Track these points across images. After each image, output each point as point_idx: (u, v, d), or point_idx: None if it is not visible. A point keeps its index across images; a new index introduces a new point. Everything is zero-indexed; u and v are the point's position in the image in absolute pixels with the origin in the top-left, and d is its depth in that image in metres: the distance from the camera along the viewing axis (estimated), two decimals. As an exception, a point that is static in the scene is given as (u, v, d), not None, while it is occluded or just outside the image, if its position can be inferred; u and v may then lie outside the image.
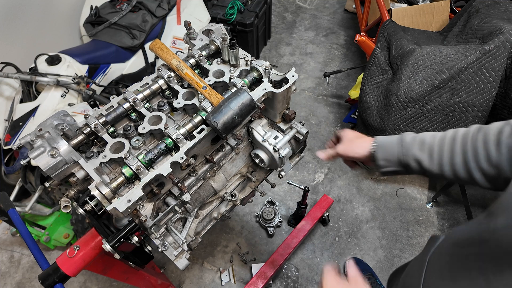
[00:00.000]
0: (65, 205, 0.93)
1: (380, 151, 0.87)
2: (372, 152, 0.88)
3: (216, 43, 1.09)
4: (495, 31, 1.68)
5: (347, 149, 0.94)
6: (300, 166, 2.50)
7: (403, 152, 0.84)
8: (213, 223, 1.20)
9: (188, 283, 2.01)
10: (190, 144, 0.89)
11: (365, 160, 0.92)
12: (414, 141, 0.84)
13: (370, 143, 0.90)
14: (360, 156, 0.91)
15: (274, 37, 3.51)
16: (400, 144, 0.85)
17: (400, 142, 0.85)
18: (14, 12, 2.11)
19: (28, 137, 0.85)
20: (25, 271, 2.09)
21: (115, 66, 2.27)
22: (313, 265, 2.06)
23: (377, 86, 2.06)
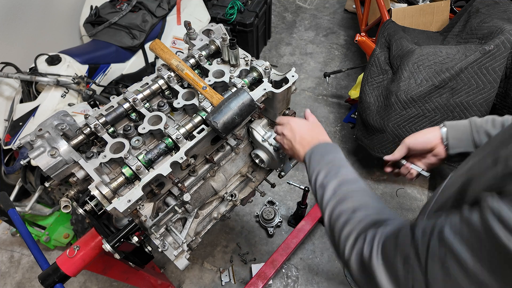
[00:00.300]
0: (65, 205, 0.93)
1: (451, 130, 0.87)
2: (443, 132, 0.88)
3: (216, 43, 1.09)
4: (495, 31, 1.68)
5: (416, 137, 0.91)
6: (300, 166, 2.50)
7: (476, 129, 0.83)
8: (213, 223, 1.20)
9: (188, 283, 2.01)
10: (190, 144, 0.89)
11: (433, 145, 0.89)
12: (486, 120, 0.83)
13: (438, 128, 0.89)
14: (430, 140, 0.89)
15: (274, 37, 3.51)
16: (470, 122, 0.85)
17: (470, 121, 0.85)
18: (14, 12, 2.11)
19: (28, 137, 0.85)
20: (25, 271, 2.09)
21: (115, 66, 2.27)
22: (313, 265, 2.06)
23: (377, 86, 2.06)
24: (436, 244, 0.45)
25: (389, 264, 0.51)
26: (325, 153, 0.82)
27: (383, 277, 0.52)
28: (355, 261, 0.59)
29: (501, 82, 1.71)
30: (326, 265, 2.06)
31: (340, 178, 0.73)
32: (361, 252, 0.57)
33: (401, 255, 0.50)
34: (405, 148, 0.93)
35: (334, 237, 0.66)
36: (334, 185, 0.72)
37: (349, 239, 0.61)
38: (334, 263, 2.06)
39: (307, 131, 0.90)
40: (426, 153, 0.93)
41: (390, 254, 0.52)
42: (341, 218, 0.65)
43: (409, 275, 0.48)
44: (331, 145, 0.85)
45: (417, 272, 0.46)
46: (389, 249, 0.53)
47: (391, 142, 1.95)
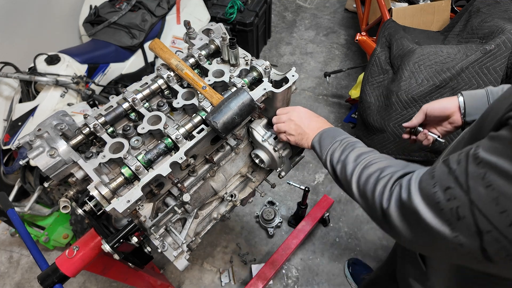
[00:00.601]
0: (64, 206, 0.93)
1: (468, 99, 0.90)
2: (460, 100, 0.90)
3: (216, 43, 1.08)
4: (496, 30, 1.68)
5: (434, 104, 0.95)
6: (300, 166, 2.49)
7: (493, 96, 0.86)
8: (213, 223, 1.19)
9: (187, 284, 2.01)
10: (190, 144, 0.88)
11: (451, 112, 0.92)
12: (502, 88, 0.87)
13: (455, 97, 0.92)
14: (448, 107, 0.92)
15: (274, 36, 3.51)
16: (487, 91, 0.88)
17: (486, 90, 0.89)
18: (14, 12, 2.10)
19: (27, 137, 0.85)
20: (24, 272, 2.09)
21: (114, 66, 2.27)
22: (313, 266, 2.05)
23: (378, 85, 2.05)
24: (473, 167, 0.48)
25: (429, 198, 0.53)
26: (335, 134, 0.85)
27: (425, 210, 0.53)
28: (395, 208, 0.59)
29: (502, 82, 1.71)
30: (327, 265, 2.05)
31: (357, 151, 0.76)
32: (399, 197, 0.59)
33: (441, 186, 0.52)
34: (422, 114, 0.97)
35: (367, 199, 0.67)
36: (354, 157, 0.75)
37: (384, 193, 0.62)
38: (334, 264, 2.05)
39: (314, 118, 0.95)
40: (442, 121, 0.96)
41: (428, 189, 0.54)
42: (370, 180, 0.67)
43: (451, 201, 0.50)
44: (336, 129, 0.90)
45: (460, 195, 0.48)
46: (427, 185, 0.54)
47: (391, 142, 1.95)
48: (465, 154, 0.51)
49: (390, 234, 0.63)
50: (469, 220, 0.47)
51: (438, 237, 0.52)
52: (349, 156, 0.75)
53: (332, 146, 0.82)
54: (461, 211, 0.48)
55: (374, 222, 0.68)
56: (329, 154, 0.82)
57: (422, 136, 0.99)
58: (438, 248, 0.55)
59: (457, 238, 0.49)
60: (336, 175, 0.79)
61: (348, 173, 0.73)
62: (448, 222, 0.50)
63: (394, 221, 0.59)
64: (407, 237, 0.58)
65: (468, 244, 0.48)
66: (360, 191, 0.69)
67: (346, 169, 0.74)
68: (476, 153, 0.48)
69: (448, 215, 0.50)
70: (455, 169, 0.51)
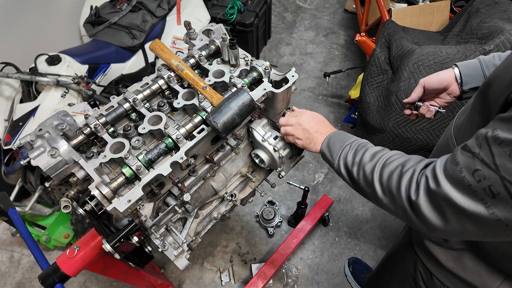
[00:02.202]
0: (65, 205, 0.93)
1: (463, 68, 0.93)
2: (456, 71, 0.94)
3: (216, 43, 1.09)
4: (495, 31, 1.68)
5: (431, 77, 0.98)
6: (300, 166, 2.50)
7: (486, 64, 0.91)
8: (213, 223, 1.20)
9: (188, 283, 2.01)
10: (190, 144, 0.89)
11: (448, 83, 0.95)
12: (492, 56, 0.91)
13: (450, 69, 0.96)
14: (445, 78, 0.95)
15: (274, 37, 3.51)
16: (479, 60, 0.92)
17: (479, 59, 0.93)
18: (14, 12, 2.11)
19: (28, 137, 0.85)
20: (25, 271, 2.09)
21: (115, 66, 2.27)
22: (313, 265, 2.06)
23: (377, 86, 2.06)
24: (497, 147, 0.51)
25: (459, 182, 0.55)
26: (343, 138, 0.86)
27: (458, 195, 0.55)
28: (425, 199, 0.60)
29: (501, 82, 1.71)
30: (326, 265, 2.06)
31: (371, 151, 0.76)
32: (427, 187, 0.60)
33: (468, 170, 0.54)
34: (421, 88, 1.00)
35: (393, 195, 0.67)
36: (369, 156, 0.75)
37: (411, 185, 0.63)
38: (334, 263, 2.06)
39: (321, 122, 0.95)
40: (440, 93, 0.99)
41: (456, 175, 0.56)
42: (394, 176, 0.67)
43: (481, 182, 0.52)
44: (343, 132, 0.90)
45: (489, 175, 0.51)
46: (453, 171, 0.56)
47: (391, 142, 1.95)
48: (483, 137, 0.53)
49: (420, 226, 0.64)
50: (504, 195, 0.50)
51: (473, 217, 0.54)
52: (364, 157, 0.76)
53: (343, 150, 0.82)
54: (494, 189, 0.51)
55: (401, 218, 0.68)
56: (341, 159, 0.81)
57: (424, 109, 1.01)
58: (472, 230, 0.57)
59: (493, 215, 0.52)
60: (352, 178, 0.78)
61: (367, 174, 0.73)
62: (483, 202, 0.52)
63: (424, 212, 0.60)
64: (439, 226, 0.60)
65: (507, 217, 0.51)
66: (384, 189, 0.69)
67: (365, 170, 0.74)
68: (495, 135, 0.51)
69: (482, 195, 0.52)
70: (478, 153, 0.53)
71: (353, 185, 0.81)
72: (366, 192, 0.76)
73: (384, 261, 1.30)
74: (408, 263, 1.00)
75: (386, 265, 1.25)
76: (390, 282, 1.15)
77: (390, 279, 1.16)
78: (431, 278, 0.90)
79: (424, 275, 0.93)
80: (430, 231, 0.63)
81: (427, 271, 0.91)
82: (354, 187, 0.80)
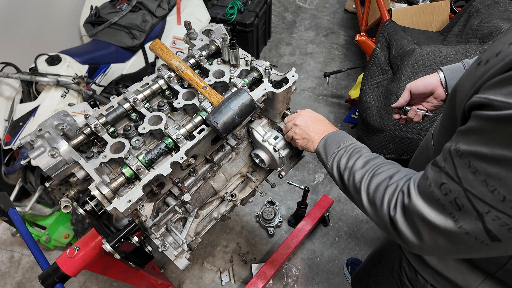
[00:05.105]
0: (65, 205, 0.93)
1: (448, 72, 0.96)
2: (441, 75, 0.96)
3: (216, 43, 1.09)
4: (495, 31, 1.68)
5: (417, 82, 0.99)
6: (300, 166, 2.50)
7: None
8: (213, 223, 1.20)
9: (188, 283, 2.01)
10: (190, 144, 0.89)
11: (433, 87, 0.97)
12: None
13: (436, 73, 0.98)
14: (430, 82, 0.97)
15: (274, 37, 3.51)
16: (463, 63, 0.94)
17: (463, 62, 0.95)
18: (14, 12, 2.11)
19: (28, 137, 0.85)
20: (25, 271, 2.09)
21: (115, 66, 2.27)
22: (313, 265, 2.06)
23: (377, 86, 2.06)
24: (458, 160, 0.52)
25: (429, 197, 0.56)
26: (340, 140, 0.85)
27: (428, 210, 0.56)
28: (400, 214, 0.61)
29: (501, 82, 1.71)
30: (326, 265, 2.05)
31: (364, 158, 0.77)
32: (402, 203, 0.61)
33: (436, 184, 0.55)
34: (408, 92, 1.02)
35: (377, 208, 0.67)
36: (361, 164, 0.75)
37: (392, 200, 0.64)
38: (334, 263, 2.06)
39: (318, 121, 0.95)
40: (427, 97, 1.01)
41: (426, 190, 0.57)
42: (380, 188, 0.68)
43: (448, 195, 0.53)
44: (341, 133, 0.90)
45: (454, 187, 0.52)
46: (424, 186, 0.58)
47: (391, 142, 1.95)
48: (447, 151, 0.55)
49: (400, 241, 0.64)
50: (468, 207, 0.51)
51: (444, 233, 0.55)
52: (357, 163, 0.76)
53: (338, 153, 0.82)
54: (459, 201, 0.52)
55: (384, 231, 0.68)
56: (335, 161, 0.81)
57: (412, 113, 1.03)
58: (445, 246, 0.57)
59: (461, 228, 0.52)
60: (343, 182, 0.79)
61: (356, 181, 0.73)
62: (451, 215, 0.53)
63: (401, 228, 0.61)
64: (415, 243, 0.60)
65: (473, 230, 0.51)
66: (370, 200, 0.70)
67: (355, 177, 0.74)
68: (457, 148, 0.53)
69: (450, 208, 0.53)
70: (444, 166, 0.55)
71: (343, 190, 0.81)
72: (354, 199, 0.77)
73: (371, 256, 1.31)
74: (394, 259, 1.02)
75: (373, 261, 1.26)
76: (376, 278, 1.17)
77: (376, 275, 1.17)
78: (415, 275, 0.91)
79: (409, 272, 0.94)
80: (408, 247, 0.63)
81: (412, 268, 0.92)
82: (344, 191, 0.81)
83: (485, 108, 0.48)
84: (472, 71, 0.57)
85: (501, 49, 0.50)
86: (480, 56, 0.59)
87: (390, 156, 1.98)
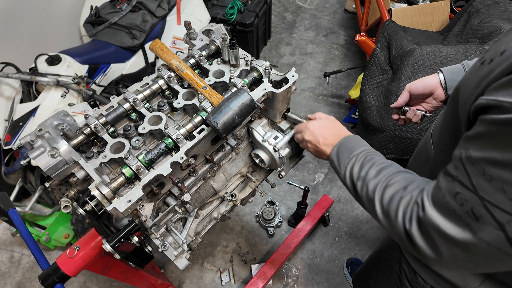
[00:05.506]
0: (65, 205, 0.93)
1: (448, 73, 0.95)
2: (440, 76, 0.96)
3: (216, 43, 1.09)
4: (495, 31, 1.68)
5: (416, 82, 0.99)
6: (300, 166, 2.50)
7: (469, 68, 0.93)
8: (213, 223, 1.20)
9: (188, 283, 2.01)
10: (190, 144, 0.89)
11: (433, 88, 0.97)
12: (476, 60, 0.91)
13: (435, 74, 0.97)
14: (430, 83, 0.97)
15: (274, 37, 3.51)
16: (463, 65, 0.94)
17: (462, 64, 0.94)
18: (14, 12, 2.11)
19: (28, 137, 0.85)
20: (25, 271, 2.09)
21: (115, 66, 2.27)
22: (313, 265, 2.06)
23: (377, 86, 2.06)
24: (471, 167, 0.50)
25: (444, 208, 0.54)
26: (352, 147, 0.82)
27: (444, 222, 0.53)
28: (416, 228, 0.59)
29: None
30: (326, 265, 2.06)
31: (377, 166, 0.74)
32: (417, 216, 0.59)
33: (450, 194, 0.53)
34: (407, 93, 1.01)
35: (391, 220, 0.65)
36: (374, 173, 0.73)
37: (406, 213, 0.62)
38: (334, 263, 2.06)
39: (327, 130, 0.92)
40: (426, 98, 1.01)
41: (440, 200, 0.55)
42: (394, 200, 0.65)
43: (464, 205, 0.50)
44: (353, 138, 0.86)
45: (469, 196, 0.50)
46: (438, 197, 0.55)
47: (391, 142, 1.95)
48: (458, 159, 0.53)
49: (417, 255, 0.62)
50: (486, 217, 0.48)
51: (463, 246, 0.52)
52: (369, 172, 0.73)
53: (350, 161, 0.79)
54: (476, 211, 0.49)
55: (400, 243, 0.67)
56: (347, 170, 0.79)
57: (411, 114, 1.03)
58: (464, 259, 0.54)
59: (481, 240, 0.50)
60: (356, 192, 0.76)
61: (370, 191, 0.71)
62: (468, 227, 0.50)
63: (417, 241, 0.59)
64: (433, 256, 0.57)
65: (495, 241, 0.49)
66: (384, 211, 0.67)
67: (368, 187, 0.72)
68: (468, 155, 0.50)
69: (467, 219, 0.50)
70: (456, 175, 0.52)
71: (356, 198, 0.79)
72: (367, 209, 0.75)
73: (372, 257, 1.31)
74: (394, 260, 1.01)
75: (373, 262, 1.26)
76: (376, 279, 1.16)
77: (376, 275, 1.17)
78: (415, 276, 0.91)
79: (408, 273, 0.94)
80: (426, 261, 0.61)
81: (411, 269, 0.92)
82: (358, 200, 0.78)
83: (493, 110, 0.46)
84: (475, 71, 0.56)
85: (505, 48, 0.48)
86: (483, 56, 0.57)
87: (390, 156, 1.98)
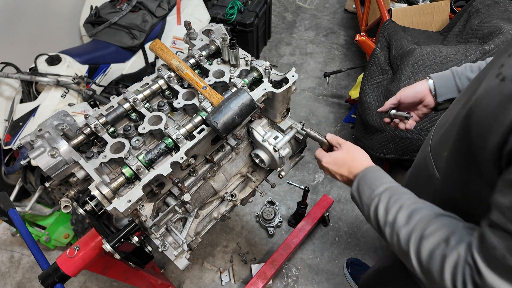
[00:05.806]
0: (65, 205, 0.93)
1: (437, 80, 0.96)
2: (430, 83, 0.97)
3: (216, 43, 1.09)
4: (495, 31, 1.68)
5: (406, 90, 1.01)
6: (300, 166, 2.50)
7: (458, 76, 0.94)
8: (213, 223, 1.20)
9: (188, 283, 2.01)
10: (190, 144, 0.89)
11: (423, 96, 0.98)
12: (464, 67, 0.94)
13: (425, 81, 0.99)
14: (420, 91, 0.98)
15: (274, 37, 3.51)
16: (452, 71, 0.95)
17: (451, 70, 0.96)
18: (14, 12, 2.11)
19: (28, 137, 0.85)
20: (25, 271, 2.09)
21: (115, 66, 2.27)
22: (313, 265, 2.06)
23: (377, 86, 2.06)
24: None
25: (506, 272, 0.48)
26: (371, 184, 0.75)
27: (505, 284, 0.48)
28: None
29: (501, 82, 1.71)
30: (326, 265, 2.06)
31: (406, 210, 0.66)
32: (473, 282, 0.52)
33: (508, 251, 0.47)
34: (395, 100, 1.04)
35: (434, 279, 0.58)
36: (404, 219, 0.65)
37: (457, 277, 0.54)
38: (334, 263, 2.06)
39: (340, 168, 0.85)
40: (417, 105, 1.02)
41: (499, 262, 0.48)
42: (435, 256, 0.58)
43: None
44: (371, 173, 0.78)
45: None
46: (495, 258, 0.49)
47: (391, 142, 1.95)
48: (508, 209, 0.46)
49: None
50: None
51: None
52: (398, 218, 0.65)
53: (373, 202, 0.72)
54: None
55: None
56: (371, 212, 0.72)
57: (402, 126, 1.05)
58: None
59: None
60: (385, 239, 0.70)
61: (402, 242, 0.64)
62: None
63: None
64: None
65: None
66: (423, 269, 0.60)
67: (400, 237, 0.64)
68: None
69: None
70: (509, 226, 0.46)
71: (385, 242, 0.72)
72: (400, 256, 0.67)
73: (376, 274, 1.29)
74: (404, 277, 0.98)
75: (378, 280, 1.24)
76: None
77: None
78: None
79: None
80: None
81: None
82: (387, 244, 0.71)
83: None
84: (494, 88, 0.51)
85: None
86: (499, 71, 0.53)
87: (390, 156, 1.98)
